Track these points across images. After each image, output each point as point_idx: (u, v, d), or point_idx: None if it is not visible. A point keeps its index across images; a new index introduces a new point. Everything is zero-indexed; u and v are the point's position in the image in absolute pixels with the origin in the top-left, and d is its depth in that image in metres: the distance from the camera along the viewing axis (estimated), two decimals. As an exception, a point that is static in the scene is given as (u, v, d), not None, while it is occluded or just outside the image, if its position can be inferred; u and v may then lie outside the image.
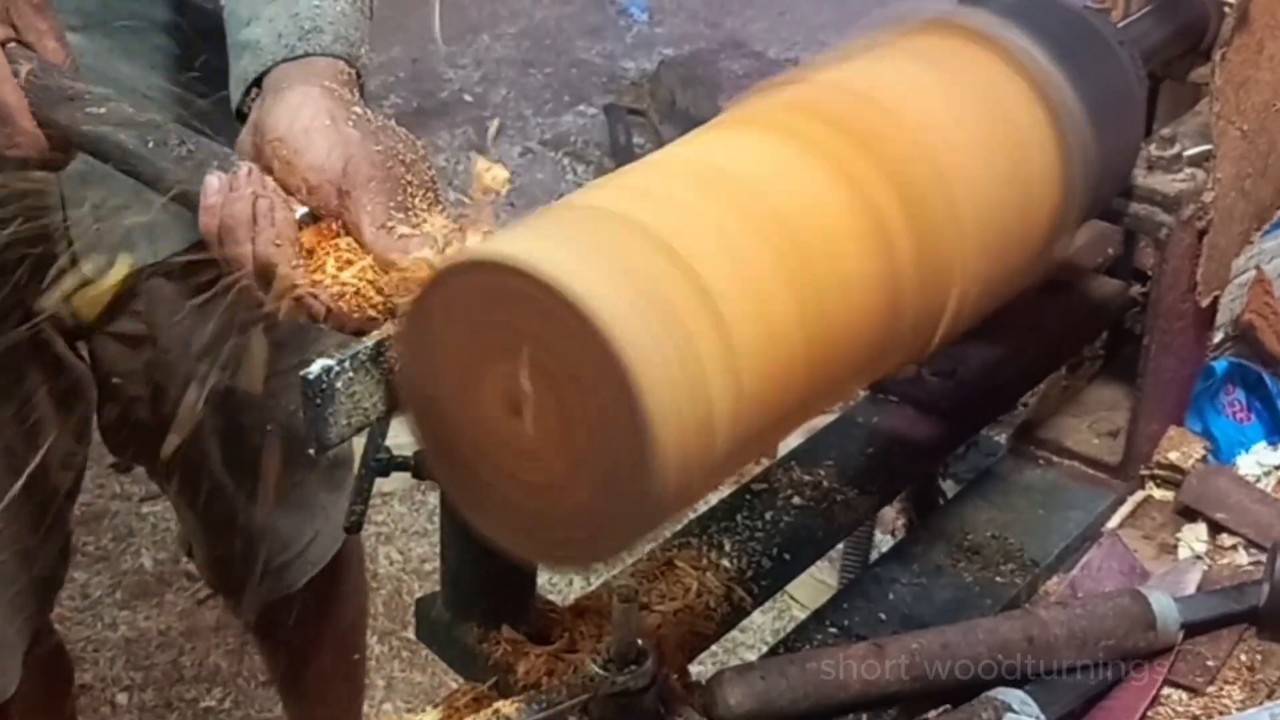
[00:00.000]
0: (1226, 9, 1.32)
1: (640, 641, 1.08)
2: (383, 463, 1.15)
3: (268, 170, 1.09)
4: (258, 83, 1.18)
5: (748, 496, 1.38)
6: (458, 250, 1.00)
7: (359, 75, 1.19)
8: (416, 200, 1.07)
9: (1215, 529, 1.38)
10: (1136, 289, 1.66)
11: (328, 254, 1.05)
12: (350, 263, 1.04)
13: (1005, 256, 1.11)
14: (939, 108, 1.05)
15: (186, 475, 1.82)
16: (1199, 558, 1.35)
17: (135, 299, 1.65)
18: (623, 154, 4.78)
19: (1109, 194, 1.29)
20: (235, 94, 1.20)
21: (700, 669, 1.20)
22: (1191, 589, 1.30)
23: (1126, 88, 1.24)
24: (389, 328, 1.00)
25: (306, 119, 1.08)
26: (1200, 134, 1.36)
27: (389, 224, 1.04)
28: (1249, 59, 1.32)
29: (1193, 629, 1.24)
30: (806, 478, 1.40)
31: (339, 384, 0.97)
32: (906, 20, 1.15)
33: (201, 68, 1.50)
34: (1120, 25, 1.42)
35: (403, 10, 5.37)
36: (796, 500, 1.38)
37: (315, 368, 0.96)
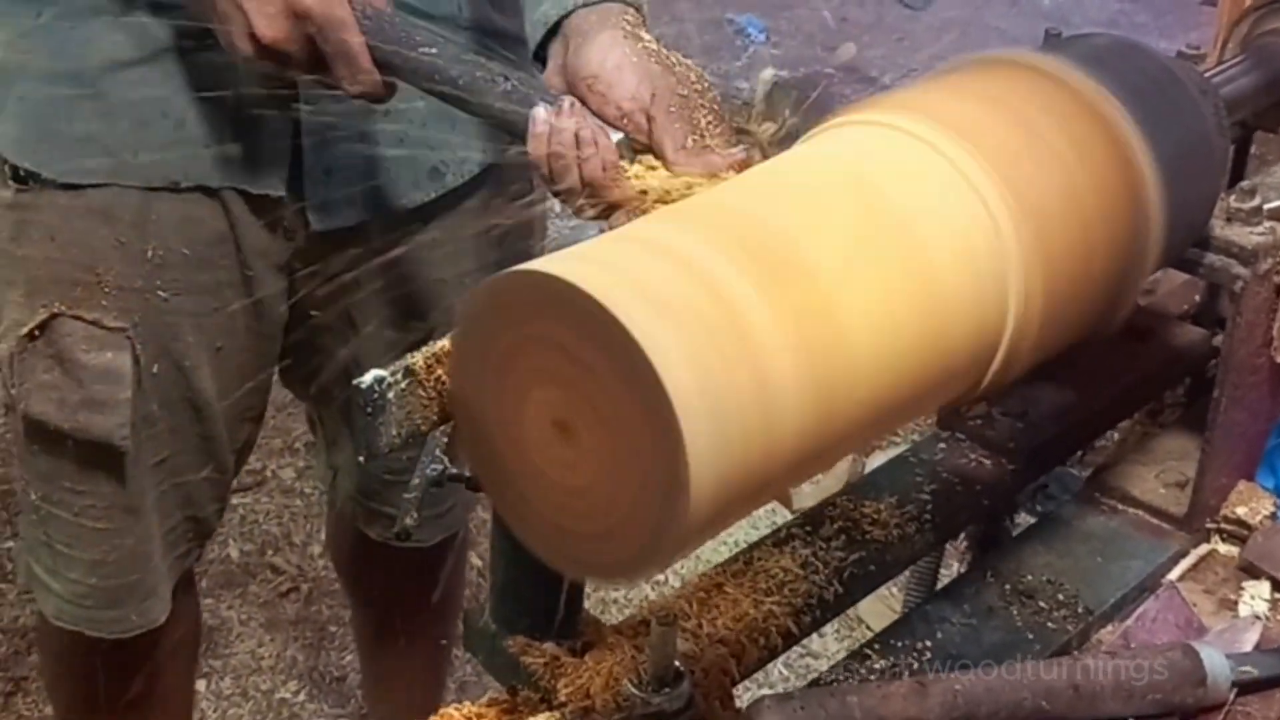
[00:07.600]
0: (1313, 61, 1.30)
1: (678, 664, 1.08)
2: (438, 473, 1.17)
3: (583, 103, 1.27)
4: (555, 27, 1.34)
5: (805, 526, 1.38)
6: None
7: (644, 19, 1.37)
8: (705, 123, 1.24)
9: (1278, 587, 1.36)
10: (1220, 338, 1.63)
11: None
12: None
13: (1066, 297, 1.10)
14: (997, 143, 1.04)
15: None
16: (1258, 617, 1.33)
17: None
18: (729, 173, 4.77)
19: (1183, 243, 1.28)
20: (535, 35, 1.37)
21: (769, 692, 1.20)
22: (1248, 647, 1.28)
23: (1204, 136, 1.22)
24: (444, 343, 1.02)
25: (618, 57, 1.28)
26: (1284, 187, 1.34)
27: (686, 144, 1.23)
28: (1336, 113, 1.30)
29: (1245, 688, 1.21)
30: (865, 511, 1.40)
31: (391, 394, 0.99)
32: (979, 59, 1.15)
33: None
34: (1209, 74, 1.41)
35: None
36: (853, 533, 1.37)
37: (368, 377, 0.98)
